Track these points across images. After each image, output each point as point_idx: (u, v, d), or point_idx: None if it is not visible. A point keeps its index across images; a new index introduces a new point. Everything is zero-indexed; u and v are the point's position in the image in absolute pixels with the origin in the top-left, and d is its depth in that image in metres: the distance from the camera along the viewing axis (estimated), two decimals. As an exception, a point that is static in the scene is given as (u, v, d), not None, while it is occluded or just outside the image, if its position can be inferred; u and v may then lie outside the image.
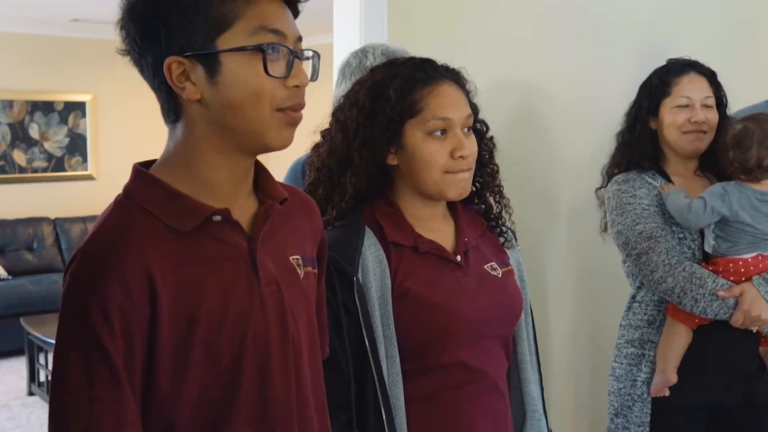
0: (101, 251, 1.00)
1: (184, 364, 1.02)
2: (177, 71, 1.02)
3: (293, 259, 1.16)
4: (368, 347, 1.40)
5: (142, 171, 1.08)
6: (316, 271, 1.22)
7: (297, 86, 1.06)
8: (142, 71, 1.06)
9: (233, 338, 1.05)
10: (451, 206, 1.57)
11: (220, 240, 1.06)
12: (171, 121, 1.07)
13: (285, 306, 1.11)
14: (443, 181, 1.46)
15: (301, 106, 1.08)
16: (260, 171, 1.15)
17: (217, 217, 1.05)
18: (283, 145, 1.08)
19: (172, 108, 1.06)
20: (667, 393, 2.00)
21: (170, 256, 1.01)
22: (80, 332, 0.98)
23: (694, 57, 2.14)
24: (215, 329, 1.03)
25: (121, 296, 0.97)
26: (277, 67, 1.04)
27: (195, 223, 1.04)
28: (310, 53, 1.10)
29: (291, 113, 1.07)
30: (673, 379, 1.97)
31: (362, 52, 2.07)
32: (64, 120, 6.88)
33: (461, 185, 1.48)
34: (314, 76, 1.12)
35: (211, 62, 1.02)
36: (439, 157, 1.45)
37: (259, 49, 1.02)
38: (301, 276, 1.16)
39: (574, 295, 2.65)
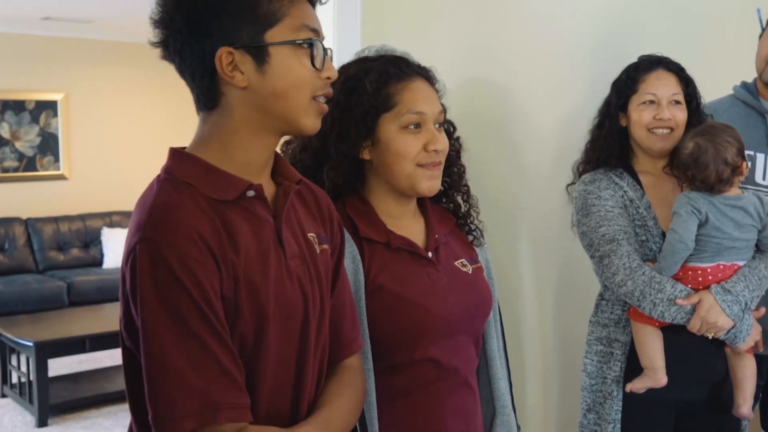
0: (164, 220, 1.08)
1: (231, 320, 1.12)
2: (227, 61, 1.13)
3: (310, 236, 1.26)
4: (341, 345, 1.41)
5: (179, 151, 1.19)
6: (329, 249, 1.31)
7: (329, 78, 1.20)
8: (182, 62, 1.15)
9: (261, 303, 1.14)
10: (421, 204, 1.59)
11: (253, 214, 1.17)
12: (208, 108, 1.18)
13: (306, 279, 1.21)
14: (415, 173, 1.48)
15: (331, 94, 1.23)
16: (276, 157, 1.27)
17: (251, 192, 1.17)
18: (314, 129, 1.22)
19: (212, 95, 1.16)
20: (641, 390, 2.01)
21: (214, 224, 1.11)
22: (170, 291, 1.06)
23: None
24: (253, 291, 1.13)
25: (194, 252, 1.07)
26: (317, 61, 1.17)
27: (235, 194, 1.15)
28: (330, 50, 1.23)
29: (321, 104, 1.20)
30: (663, 381, 1.96)
31: (361, 52, 2.12)
32: (35, 119, 6.81)
33: (433, 180, 1.50)
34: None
35: (260, 54, 1.14)
36: (412, 149, 1.47)
37: (307, 44, 1.16)
38: (318, 252, 1.27)
39: (546, 293, 2.68)
